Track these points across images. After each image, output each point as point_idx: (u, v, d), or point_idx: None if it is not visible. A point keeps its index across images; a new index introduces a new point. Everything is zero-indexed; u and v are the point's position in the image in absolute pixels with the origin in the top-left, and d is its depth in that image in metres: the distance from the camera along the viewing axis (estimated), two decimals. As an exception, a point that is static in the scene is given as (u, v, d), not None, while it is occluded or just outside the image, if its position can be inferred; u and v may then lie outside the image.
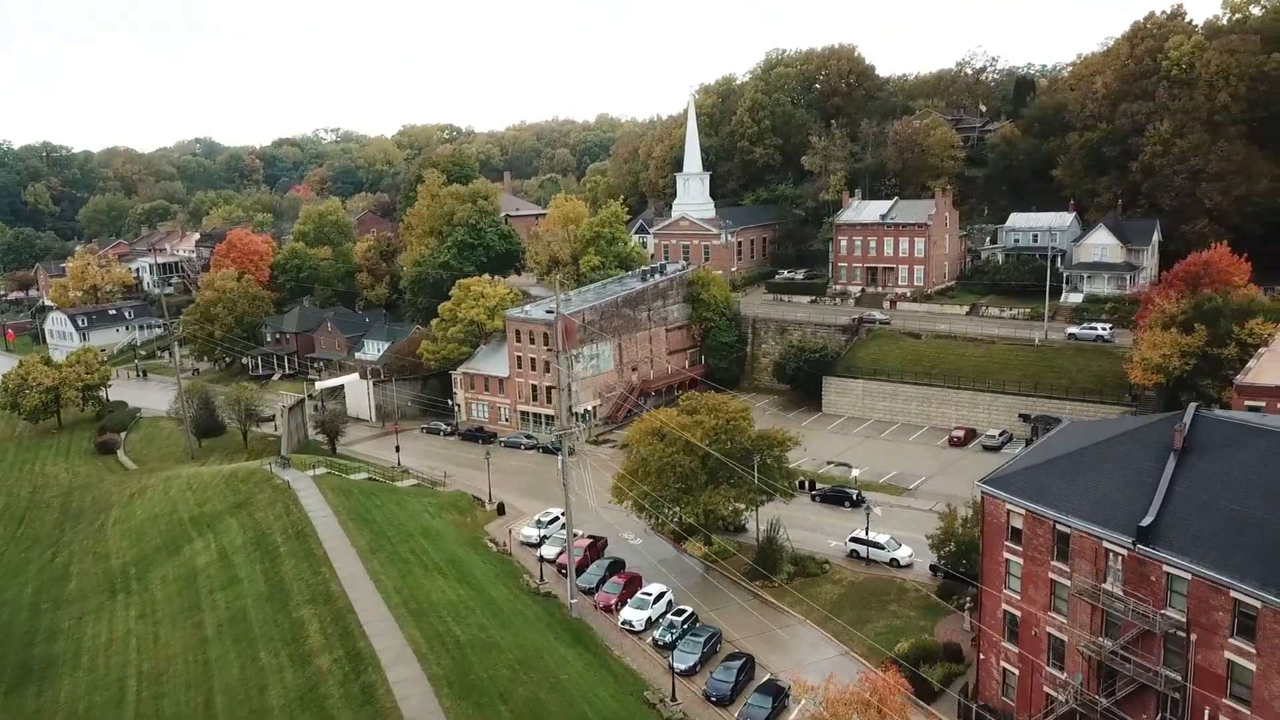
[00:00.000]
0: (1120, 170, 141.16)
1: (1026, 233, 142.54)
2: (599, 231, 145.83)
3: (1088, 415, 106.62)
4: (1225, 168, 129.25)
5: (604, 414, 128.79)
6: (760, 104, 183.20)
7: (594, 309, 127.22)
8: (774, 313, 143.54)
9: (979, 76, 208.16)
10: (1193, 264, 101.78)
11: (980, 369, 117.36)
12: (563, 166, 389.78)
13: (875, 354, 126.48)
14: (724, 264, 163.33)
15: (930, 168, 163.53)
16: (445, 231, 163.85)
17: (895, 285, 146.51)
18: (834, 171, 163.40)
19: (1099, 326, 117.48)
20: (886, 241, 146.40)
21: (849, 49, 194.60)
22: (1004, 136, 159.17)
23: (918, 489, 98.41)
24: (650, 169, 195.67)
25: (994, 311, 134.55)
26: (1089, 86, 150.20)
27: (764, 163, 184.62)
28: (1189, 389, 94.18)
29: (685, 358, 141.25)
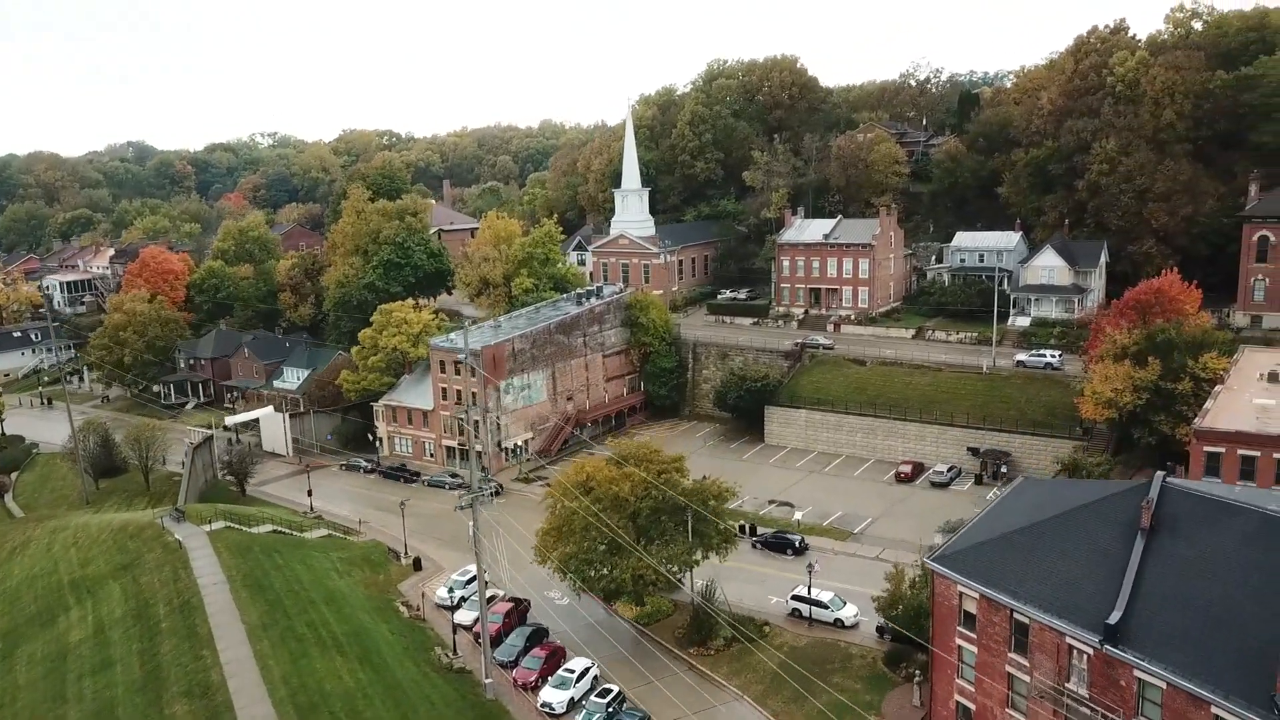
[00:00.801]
0: (1066, 188, 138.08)
1: (972, 252, 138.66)
2: (531, 252, 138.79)
3: (1038, 449, 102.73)
4: (1171, 187, 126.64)
5: (537, 447, 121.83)
6: (701, 117, 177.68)
7: (525, 336, 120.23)
8: (715, 336, 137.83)
9: (923, 88, 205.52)
10: (1143, 292, 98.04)
11: (927, 398, 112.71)
12: (504, 174, 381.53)
13: (819, 382, 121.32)
14: (664, 283, 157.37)
15: (874, 184, 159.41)
16: (371, 250, 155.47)
17: (839, 307, 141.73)
18: (776, 188, 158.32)
19: (1048, 354, 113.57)
20: (830, 262, 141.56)
21: (791, 60, 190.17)
22: (948, 152, 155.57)
23: (863, 533, 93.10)
24: (589, 182, 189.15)
25: (940, 335, 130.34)
26: (1034, 102, 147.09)
27: (705, 177, 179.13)
28: (1142, 424, 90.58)
29: (624, 384, 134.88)
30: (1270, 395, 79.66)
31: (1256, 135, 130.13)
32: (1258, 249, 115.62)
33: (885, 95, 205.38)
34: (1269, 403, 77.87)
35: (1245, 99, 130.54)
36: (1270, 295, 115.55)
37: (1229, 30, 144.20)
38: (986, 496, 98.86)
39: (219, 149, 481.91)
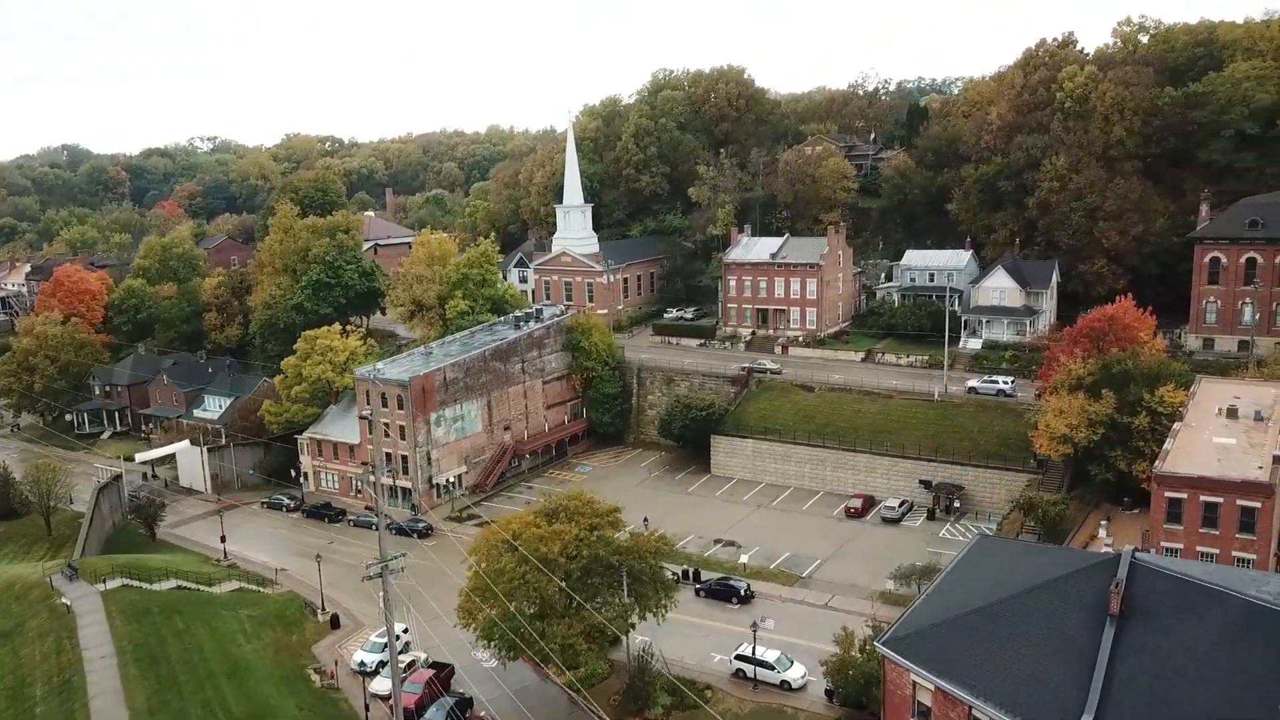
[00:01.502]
0: (1017, 206, 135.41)
1: (922, 271, 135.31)
2: (467, 273, 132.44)
3: (992, 482, 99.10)
4: (1122, 206, 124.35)
5: (472, 482, 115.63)
6: (645, 130, 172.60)
7: (458, 365, 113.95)
8: (661, 359, 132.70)
9: (872, 100, 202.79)
10: (1097, 319, 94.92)
11: (878, 427, 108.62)
12: (450, 181, 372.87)
13: (766, 409, 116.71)
14: (609, 302, 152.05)
15: (823, 200, 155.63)
16: (300, 270, 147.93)
17: (787, 328, 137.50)
18: (722, 204, 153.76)
19: (1000, 380, 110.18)
20: (777, 282, 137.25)
21: (738, 70, 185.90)
22: (897, 168, 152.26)
23: (812, 576, 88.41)
24: (532, 195, 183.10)
25: (890, 359, 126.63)
26: (983, 117, 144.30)
27: (651, 191, 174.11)
28: (1098, 460, 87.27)
29: (566, 411, 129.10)
30: (1230, 433, 76.43)
31: (1205, 153, 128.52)
32: (1209, 271, 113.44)
33: (834, 106, 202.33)
34: (1229, 442, 74.61)
35: (1194, 116, 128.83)
36: (1222, 318, 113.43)
37: (1176, 45, 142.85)
38: (940, 534, 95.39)
39: (155, 154, 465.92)
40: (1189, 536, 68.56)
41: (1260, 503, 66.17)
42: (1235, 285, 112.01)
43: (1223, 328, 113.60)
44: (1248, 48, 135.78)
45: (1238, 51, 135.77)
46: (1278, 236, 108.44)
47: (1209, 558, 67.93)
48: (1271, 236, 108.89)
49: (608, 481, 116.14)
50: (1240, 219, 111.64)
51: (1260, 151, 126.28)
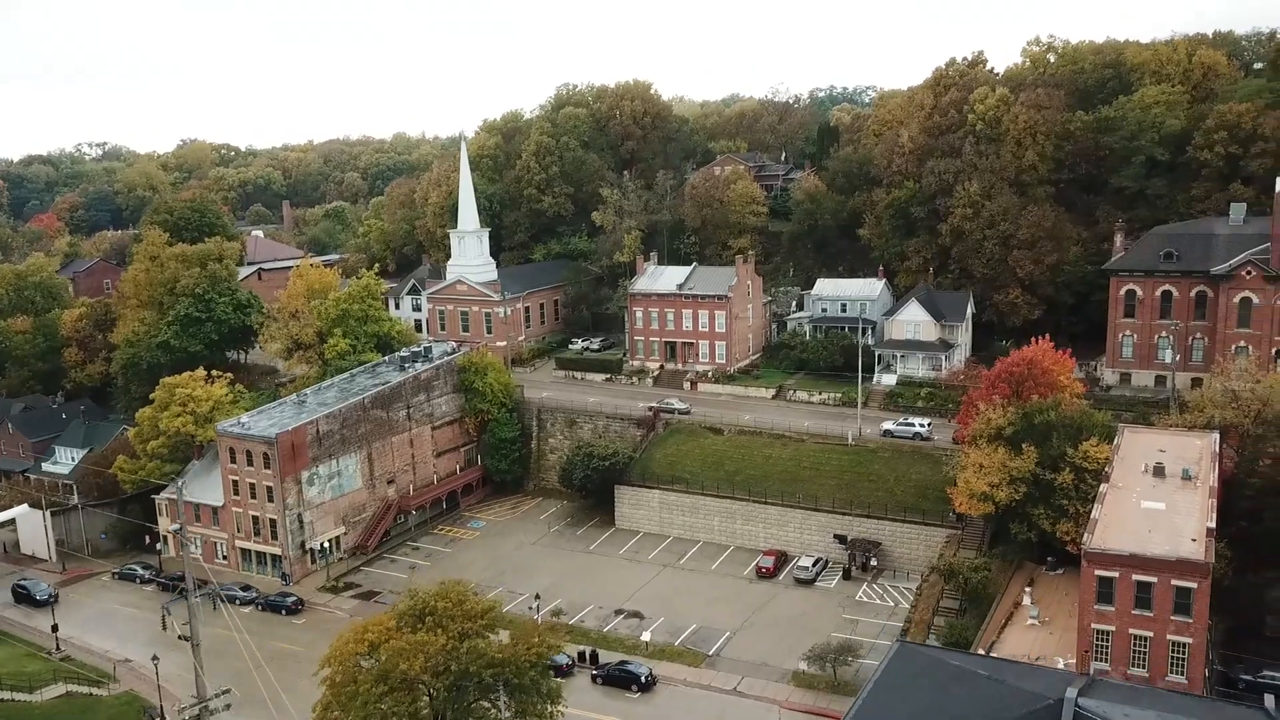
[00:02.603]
0: (930, 232, 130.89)
1: (834, 301, 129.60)
2: (347, 309, 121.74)
3: (910, 538, 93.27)
4: (1036, 234, 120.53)
5: (352, 543, 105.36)
6: (547, 148, 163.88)
7: (333, 416, 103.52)
8: (563, 398, 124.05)
9: (783, 115, 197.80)
10: (1015, 363, 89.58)
11: (790, 475, 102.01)
12: (352, 192, 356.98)
13: (674, 455, 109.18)
14: (508, 333, 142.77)
15: (732, 225, 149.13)
16: (167, 303, 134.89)
17: (696, 362, 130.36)
18: (628, 230, 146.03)
19: (916, 422, 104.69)
20: (685, 314, 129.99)
21: (644, 86, 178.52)
22: (808, 192, 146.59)
23: (720, 653, 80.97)
24: (428, 216, 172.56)
25: (802, 395, 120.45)
26: (894, 139, 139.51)
27: (554, 213, 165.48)
28: (1020, 518, 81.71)
29: (459, 458, 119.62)
30: (1158, 494, 71.46)
31: (1117, 179, 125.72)
32: (1125, 304, 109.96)
33: (744, 122, 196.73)
34: (1158, 506, 69.57)
35: (1105, 141, 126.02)
36: (1139, 352, 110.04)
37: (1085, 66, 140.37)
38: (856, 597, 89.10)
39: (37, 161, 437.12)
40: (1121, 619, 63.01)
41: (1196, 583, 60.88)
42: (1151, 319, 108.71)
43: (1140, 362, 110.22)
44: (1155, 70, 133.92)
45: (1146, 74, 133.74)
46: (1192, 269, 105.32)
47: (1143, 640, 62.68)
48: (1186, 269, 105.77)
49: (503, 539, 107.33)
50: (1155, 250, 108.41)
51: (1171, 179, 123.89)
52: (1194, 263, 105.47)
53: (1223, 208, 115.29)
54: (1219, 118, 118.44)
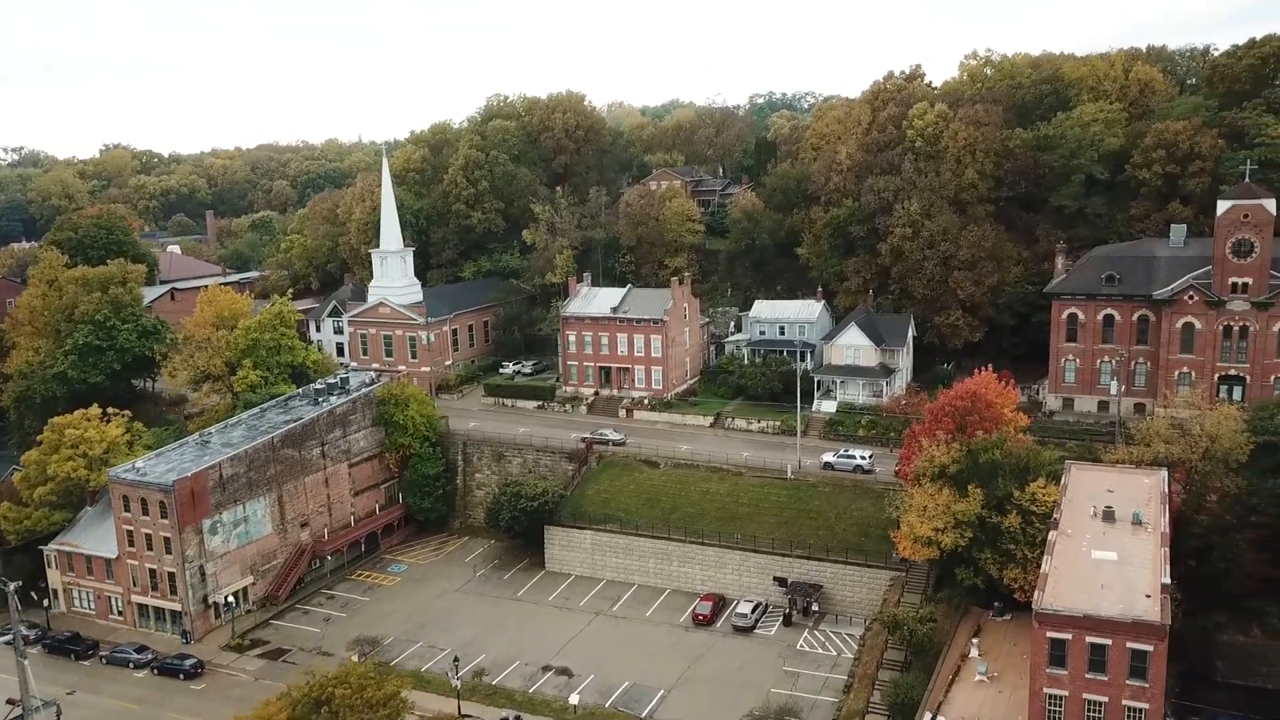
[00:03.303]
0: (869, 252, 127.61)
1: (772, 324, 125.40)
2: (258, 339, 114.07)
3: (852, 580, 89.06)
4: (976, 254, 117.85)
5: (262, 593, 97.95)
6: (476, 162, 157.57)
7: (239, 458, 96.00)
8: (491, 429, 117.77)
9: (720, 127, 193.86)
10: (959, 396, 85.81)
11: (728, 512, 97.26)
12: (280, 201, 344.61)
13: (607, 491, 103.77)
14: (435, 357, 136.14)
15: (668, 243, 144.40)
16: (65, 330, 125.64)
17: (632, 388, 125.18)
18: (560, 249, 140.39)
19: (858, 455, 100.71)
20: (620, 338, 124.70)
21: (577, 97, 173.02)
22: (745, 210, 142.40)
23: (654, 716, 75.61)
24: (352, 232, 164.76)
25: (741, 423, 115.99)
26: (832, 155, 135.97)
27: (485, 229, 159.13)
28: (966, 563, 77.97)
29: (379, 496, 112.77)
30: (1109, 542, 68.02)
31: (1057, 197, 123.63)
32: (1067, 328, 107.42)
33: (681, 134, 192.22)
34: (1109, 556, 66.09)
35: (1045, 159, 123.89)
36: (1082, 377, 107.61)
37: (1023, 81, 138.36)
38: (797, 645, 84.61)
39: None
40: (1075, 683, 59.21)
41: (1152, 645, 57.28)
42: (1094, 343, 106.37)
43: (1083, 387, 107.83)
44: (1093, 86, 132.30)
45: (1084, 90, 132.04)
46: (1134, 293, 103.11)
47: (1097, 706, 58.93)
48: (1128, 293, 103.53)
49: (425, 584, 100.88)
50: (1096, 273, 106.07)
51: (1110, 197, 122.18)
52: (1136, 286, 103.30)
53: (1162, 228, 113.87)
54: (1157, 136, 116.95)
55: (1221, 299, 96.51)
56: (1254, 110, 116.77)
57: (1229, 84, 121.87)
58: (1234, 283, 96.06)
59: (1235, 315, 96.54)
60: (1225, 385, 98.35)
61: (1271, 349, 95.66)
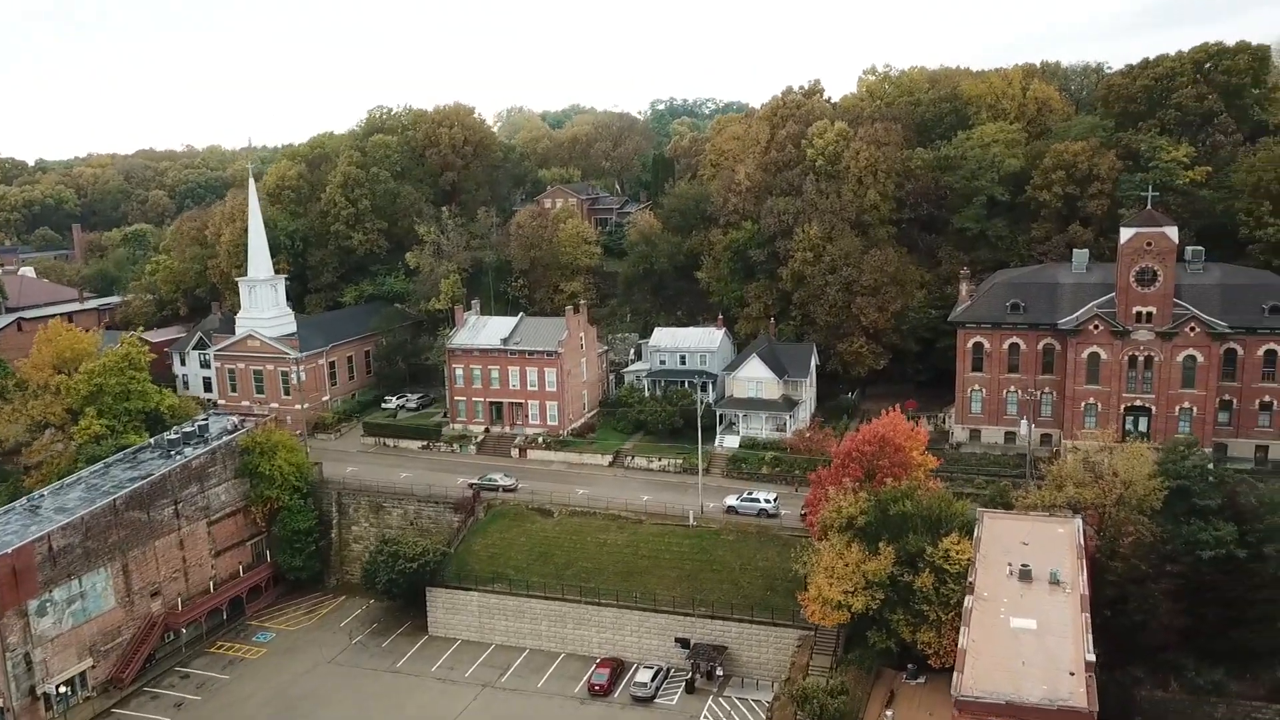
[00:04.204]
0: (770, 277, 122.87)
1: (673, 353, 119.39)
2: (102, 384, 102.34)
3: (759, 641, 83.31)
4: (879, 279, 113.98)
5: (104, 676, 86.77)
6: (356, 179, 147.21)
7: (73, 526, 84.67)
8: (370, 475, 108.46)
9: (617, 141, 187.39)
10: (867, 441, 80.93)
11: (627, 565, 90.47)
12: (158, 213, 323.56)
13: (496, 545, 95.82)
14: (311, 394, 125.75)
15: (563, 266, 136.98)
16: None
17: (525, 424, 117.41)
18: (447, 273, 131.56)
19: (762, 497, 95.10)
20: (511, 372, 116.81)
21: (466, 110, 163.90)
22: (642, 233, 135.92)
23: (544, 813, 68.25)
24: (221, 255, 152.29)
25: (641, 462, 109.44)
26: (731, 176, 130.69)
27: (367, 250, 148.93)
28: (878, 624, 73.01)
29: (245, 555, 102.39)
30: (1027, 606, 63.48)
31: (959, 219, 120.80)
32: (972, 357, 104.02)
33: (577, 148, 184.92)
34: (1028, 625, 61.47)
35: (946, 181, 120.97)
36: (988, 407, 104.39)
37: (922, 98, 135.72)
38: (701, 716, 78.18)
39: None
40: (999, 773, 54.12)
41: (1079, 733, 52.57)
42: (1000, 373, 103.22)
43: (989, 418, 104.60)
44: (991, 105, 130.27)
45: (983, 108, 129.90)
46: (1039, 322, 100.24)
47: (1023, 799, 53.84)
48: (1033, 321, 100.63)
49: (294, 656, 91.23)
50: (1001, 301, 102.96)
51: (1011, 219, 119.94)
52: (1040, 314, 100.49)
53: (1064, 250, 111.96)
54: (1056, 157, 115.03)
55: (1126, 329, 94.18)
56: (1149, 132, 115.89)
57: (1124, 104, 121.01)
58: (1138, 312, 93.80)
59: (1140, 345, 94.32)
60: (1131, 416, 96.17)
61: (1176, 379, 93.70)
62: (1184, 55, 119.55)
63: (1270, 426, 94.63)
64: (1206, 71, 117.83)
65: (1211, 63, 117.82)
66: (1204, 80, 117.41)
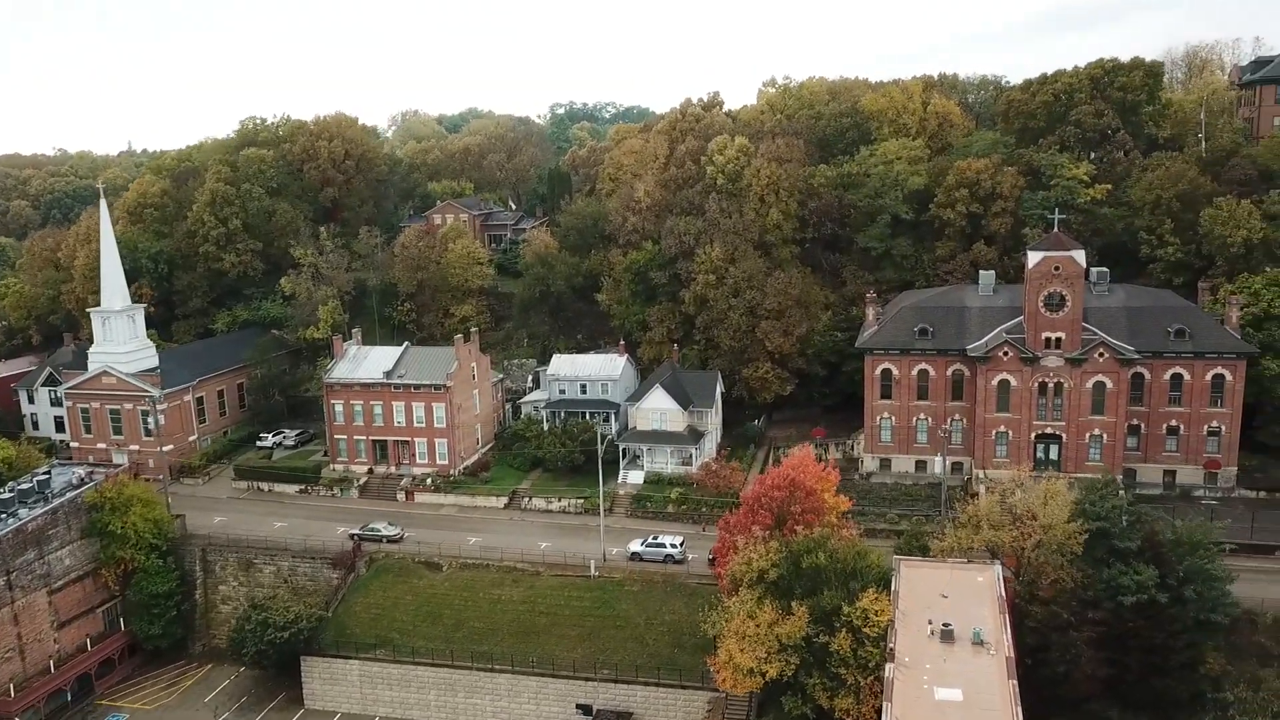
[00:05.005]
0: (672, 300, 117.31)
1: (573, 382, 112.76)
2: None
3: (667, 705, 77.47)
4: (784, 302, 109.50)
5: (-82, 781, 75.47)
6: (226, 197, 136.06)
7: (-124, 612, 73.29)
8: (241, 525, 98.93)
9: (512, 153, 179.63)
10: (776, 486, 75.85)
11: (523, 624, 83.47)
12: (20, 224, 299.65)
13: (380, 604, 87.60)
14: (176, 434, 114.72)
15: (453, 288, 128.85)
16: None
17: (413, 464, 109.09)
18: (325, 299, 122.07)
19: (667, 542, 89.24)
20: (396, 407, 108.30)
21: (348, 121, 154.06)
22: (538, 253, 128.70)
23: None
24: (76, 280, 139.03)
25: (539, 503, 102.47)
26: (629, 193, 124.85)
27: (240, 273, 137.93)
28: (793, 689, 67.67)
29: (94, 623, 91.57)
30: (951, 672, 58.91)
31: (863, 239, 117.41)
32: (881, 384, 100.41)
33: (470, 159, 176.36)
34: (954, 696, 56.88)
35: (850, 198, 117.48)
36: (898, 436, 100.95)
37: (823, 112, 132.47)
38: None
39: None
40: None
41: (1015, 828, 48.05)
42: (909, 400, 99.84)
43: (899, 446, 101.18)
44: (893, 119, 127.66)
45: (884, 123, 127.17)
46: (948, 347, 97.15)
47: None
48: (942, 347, 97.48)
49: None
50: (909, 326, 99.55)
51: (915, 237, 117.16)
52: (949, 340, 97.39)
53: (969, 270, 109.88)
54: (959, 174, 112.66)
55: (1036, 355, 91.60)
56: (1049, 149, 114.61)
57: (1024, 120, 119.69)
58: (1047, 338, 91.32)
59: (1050, 372, 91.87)
60: (1043, 444, 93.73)
61: (1086, 406, 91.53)
62: (1080, 71, 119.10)
63: (1177, 451, 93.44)
64: (1103, 88, 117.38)
65: (1108, 79, 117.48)
66: (1101, 97, 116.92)
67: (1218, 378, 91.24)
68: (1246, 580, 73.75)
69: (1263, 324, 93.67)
